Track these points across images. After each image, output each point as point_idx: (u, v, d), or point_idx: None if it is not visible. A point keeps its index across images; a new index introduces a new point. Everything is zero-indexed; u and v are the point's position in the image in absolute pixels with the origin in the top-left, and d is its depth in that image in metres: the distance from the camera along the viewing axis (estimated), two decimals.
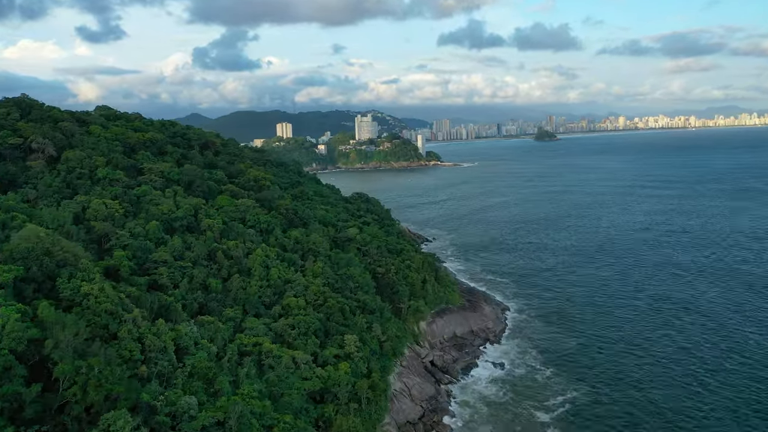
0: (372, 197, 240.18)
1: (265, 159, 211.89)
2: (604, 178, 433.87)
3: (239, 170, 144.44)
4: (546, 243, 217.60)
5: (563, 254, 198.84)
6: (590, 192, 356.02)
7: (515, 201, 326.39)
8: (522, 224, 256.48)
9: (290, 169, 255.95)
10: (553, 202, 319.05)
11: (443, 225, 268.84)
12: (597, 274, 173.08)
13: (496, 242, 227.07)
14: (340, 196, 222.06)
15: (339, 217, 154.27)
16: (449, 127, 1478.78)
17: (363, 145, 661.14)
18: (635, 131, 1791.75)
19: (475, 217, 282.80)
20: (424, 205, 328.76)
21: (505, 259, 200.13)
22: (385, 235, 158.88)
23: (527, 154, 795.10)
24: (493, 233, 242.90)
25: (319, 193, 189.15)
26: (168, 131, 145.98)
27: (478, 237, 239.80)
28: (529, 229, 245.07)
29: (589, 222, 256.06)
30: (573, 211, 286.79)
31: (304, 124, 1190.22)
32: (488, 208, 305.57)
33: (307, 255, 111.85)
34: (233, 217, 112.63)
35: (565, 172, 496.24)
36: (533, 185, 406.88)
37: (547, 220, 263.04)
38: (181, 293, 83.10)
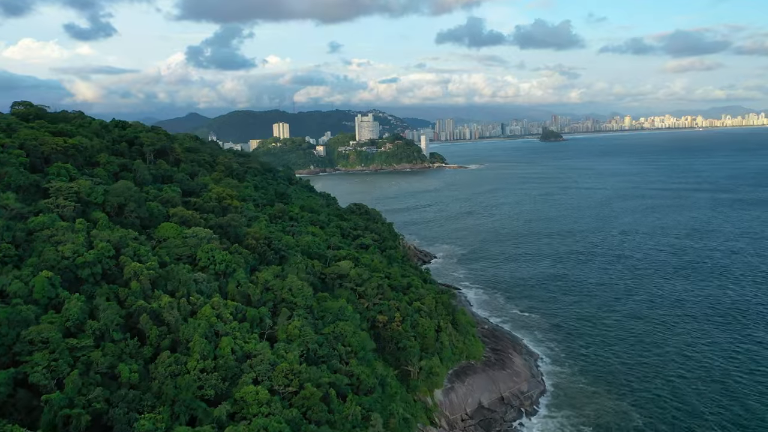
0: (372, 209, 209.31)
1: (246, 167, 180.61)
2: (624, 185, 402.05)
3: (202, 185, 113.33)
4: (573, 264, 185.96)
5: (597, 279, 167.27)
6: (613, 201, 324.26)
7: (531, 210, 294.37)
8: (542, 239, 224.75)
9: (279, 176, 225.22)
10: (574, 213, 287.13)
11: (452, 238, 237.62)
12: (644, 310, 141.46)
13: (514, 261, 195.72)
14: (334, 210, 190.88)
15: (330, 241, 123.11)
16: (452, 127, 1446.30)
17: (363, 147, 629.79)
18: (641, 131, 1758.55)
19: (487, 229, 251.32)
20: (429, 215, 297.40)
21: (527, 283, 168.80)
22: (388, 264, 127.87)
23: (535, 156, 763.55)
24: (510, 249, 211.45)
25: (308, 207, 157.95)
26: (109, 135, 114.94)
27: (492, 253, 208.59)
28: (552, 246, 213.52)
29: (621, 239, 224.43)
30: (599, 224, 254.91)
31: (303, 124, 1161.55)
32: (502, 219, 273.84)
33: (281, 307, 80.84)
34: (178, 255, 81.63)
35: (580, 177, 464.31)
36: (547, 191, 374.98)
37: (571, 237, 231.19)
38: (64, 396, 52.16)
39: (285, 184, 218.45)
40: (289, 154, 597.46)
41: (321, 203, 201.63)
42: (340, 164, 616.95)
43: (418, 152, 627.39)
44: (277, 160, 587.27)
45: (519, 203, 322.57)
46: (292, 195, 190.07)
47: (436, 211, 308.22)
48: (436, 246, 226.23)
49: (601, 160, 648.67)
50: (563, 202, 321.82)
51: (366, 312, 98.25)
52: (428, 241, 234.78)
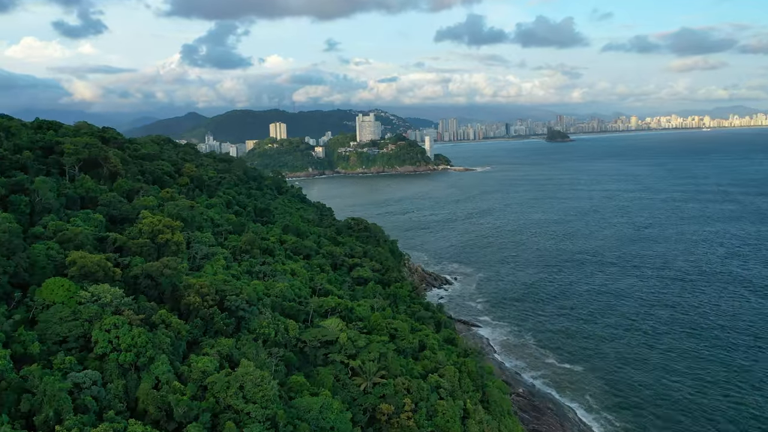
0: (372, 224, 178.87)
1: (220, 177, 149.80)
2: (646, 188, 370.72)
3: (140, 207, 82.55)
4: (624, 296, 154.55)
5: (666, 316, 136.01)
6: (639, 209, 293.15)
7: (556, 223, 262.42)
8: (574, 260, 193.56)
9: (265, 185, 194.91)
10: (601, 223, 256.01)
11: (466, 256, 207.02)
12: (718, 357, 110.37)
13: (542, 287, 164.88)
14: (328, 226, 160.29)
15: (315, 282, 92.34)
16: (456, 127, 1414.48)
17: (365, 148, 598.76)
18: (648, 131, 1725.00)
19: (507, 245, 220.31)
20: (437, 225, 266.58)
21: (562, 320, 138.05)
22: (392, 311, 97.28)
23: (543, 157, 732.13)
24: (536, 271, 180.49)
25: (293, 228, 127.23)
26: (11, 141, 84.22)
27: (515, 277, 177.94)
28: (585, 266, 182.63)
29: (667, 258, 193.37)
30: (634, 236, 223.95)
31: (304, 123, 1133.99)
32: (523, 233, 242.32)
33: (224, 421, 50.26)
34: (62, 337, 51.21)
35: (597, 181, 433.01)
36: (565, 196, 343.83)
37: (604, 253, 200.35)
38: None
39: (272, 194, 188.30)
40: (286, 155, 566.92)
41: (312, 218, 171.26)
42: (339, 166, 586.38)
43: (422, 154, 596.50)
44: (274, 162, 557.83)
45: (539, 213, 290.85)
46: (277, 210, 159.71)
47: (444, 221, 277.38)
48: (448, 265, 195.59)
49: (615, 162, 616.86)
50: (591, 214, 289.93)
51: (362, 398, 67.66)
52: (438, 259, 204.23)
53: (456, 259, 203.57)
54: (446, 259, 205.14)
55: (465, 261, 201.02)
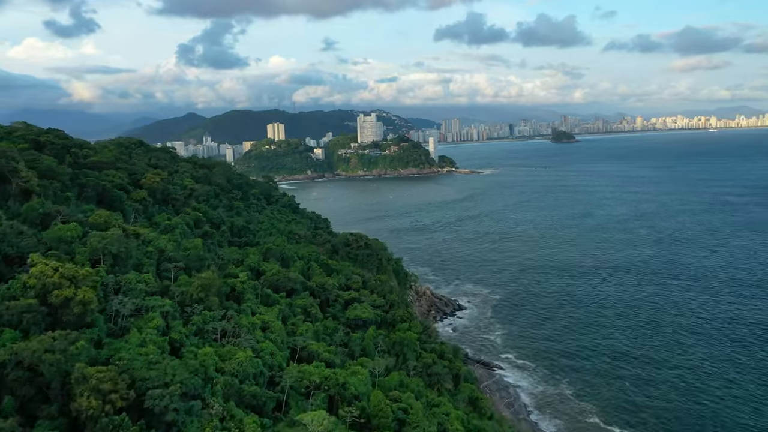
0: (374, 240, 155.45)
1: (190, 190, 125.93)
2: (671, 191, 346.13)
3: (51, 241, 59.01)
4: (666, 319, 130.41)
5: (726, 354, 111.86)
6: (671, 214, 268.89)
7: (576, 232, 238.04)
8: (604, 275, 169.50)
9: (251, 195, 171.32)
10: (636, 231, 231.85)
11: (478, 272, 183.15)
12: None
13: (571, 311, 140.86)
14: (321, 244, 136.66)
15: (294, 339, 68.52)
16: (459, 127, 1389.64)
17: (366, 149, 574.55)
18: (653, 132, 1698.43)
19: (524, 258, 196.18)
20: (445, 235, 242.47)
21: (604, 356, 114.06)
22: (399, 370, 73.78)
23: (551, 159, 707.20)
24: (560, 290, 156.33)
25: (276, 253, 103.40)
26: None
27: (538, 299, 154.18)
28: (625, 286, 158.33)
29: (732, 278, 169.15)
30: (670, 243, 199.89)
31: (304, 124, 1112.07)
32: (541, 243, 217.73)
33: None
34: None
35: (614, 185, 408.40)
36: (587, 203, 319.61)
37: (646, 267, 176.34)
38: None
39: (258, 205, 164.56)
40: (284, 157, 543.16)
41: (304, 233, 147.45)
42: (340, 169, 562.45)
43: (426, 155, 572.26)
44: (271, 164, 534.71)
45: (559, 222, 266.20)
46: (262, 225, 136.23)
47: (454, 230, 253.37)
48: (459, 285, 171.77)
49: (629, 164, 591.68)
50: (613, 220, 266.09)
51: None
52: (447, 277, 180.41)
53: (468, 276, 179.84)
54: (457, 276, 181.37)
55: (478, 278, 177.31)
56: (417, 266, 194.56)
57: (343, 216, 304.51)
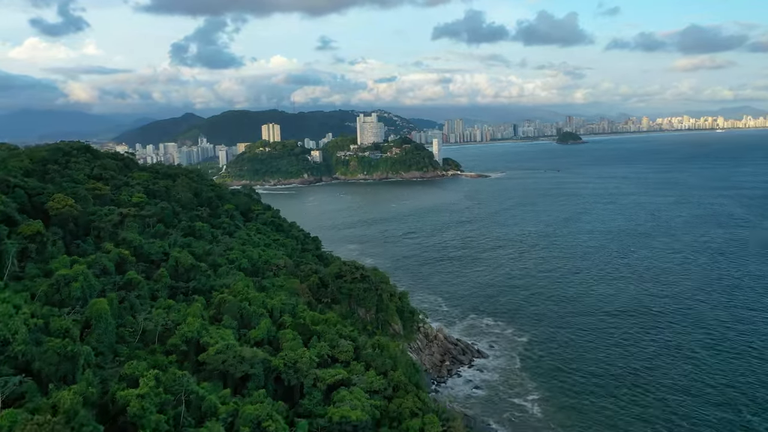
0: (373, 269, 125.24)
1: (136, 212, 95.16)
2: (713, 195, 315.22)
3: None
4: None
5: None
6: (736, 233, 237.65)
7: (614, 250, 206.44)
8: (658, 304, 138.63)
9: (224, 212, 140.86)
10: (682, 249, 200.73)
11: (500, 303, 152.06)
12: None
13: (626, 360, 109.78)
14: (301, 286, 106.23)
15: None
16: (462, 128, 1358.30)
17: (366, 151, 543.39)
18: (659, 132, 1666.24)
19: (551, 282, 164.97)
20: (456, 251, 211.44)
21: None
22: None
23: (560, 161, 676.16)
24: (604, 328, 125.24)
25: (233, 307, 72.79)
26: None
27: (577, 339, 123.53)
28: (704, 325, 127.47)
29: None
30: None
31: (304, 125, 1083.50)
32: (571, 261, 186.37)
33: None
34: None
35: (636, 190, 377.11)
36: (618, 213, 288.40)
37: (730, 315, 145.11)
38: None
39: (230, 225, 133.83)
40: (279, 160, 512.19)
41: (284, 263, 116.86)
42: (338, 172, 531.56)
43: (430, 158, 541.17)
44: (265, 167, 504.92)
45: (588, 235, 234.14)
46: (229, 255, 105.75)
47: (464, 246, 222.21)
48: (476, 320, 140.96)
49: (646, 166, 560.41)
50: (656, 237, 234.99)
51: None
52: (461, 307, 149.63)
53: (486, 307, 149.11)
54: (473, 306, 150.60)
55: (499, 310, 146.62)
56: (423, 292, 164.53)
57: (340, 226, 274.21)
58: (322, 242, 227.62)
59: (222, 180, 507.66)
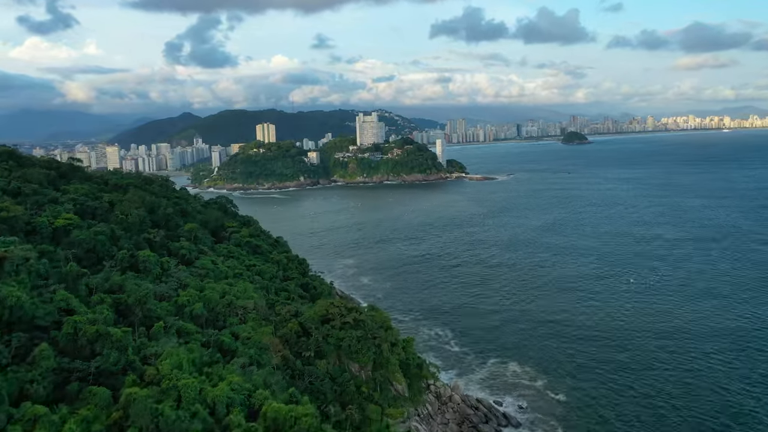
0: (370, 311, 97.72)
1: (42, 256, 67.82)
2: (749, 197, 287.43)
3: None
4: None
5: None
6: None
7: (663, 269, 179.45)
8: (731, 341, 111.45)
9: (186, 232, 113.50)
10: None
11: (526, 344, 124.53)
12: None
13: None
14: (274, 341, 78.76)
15: None
16: (465, 128, 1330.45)
17: (366, 153, 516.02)
18: (666, 132, 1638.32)
19: (592, 317, 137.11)
20: (469, 268, 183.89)
21: None
22: None
23: (568, 162, 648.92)
24: (671, 381, 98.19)
25: (145, 413, 45.59)
26: None
27: (635, 394, 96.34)
28: None
29: None
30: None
31: (303, 124, 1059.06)
32: (609, 284, 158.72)
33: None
34: None
35: (659, 195, 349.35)
36: (648, 223, 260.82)
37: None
38: None
39: (192, 251, 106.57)
40: (274, 162, 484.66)
41: (254, 305, 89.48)
42: (337, 174, 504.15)
43: (433, 159, 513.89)
44: (258, 169, 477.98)
45: (619, 252, 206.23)
46: (179, 299, 78.61)
47: (477, 263, 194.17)
48: (500, 367, 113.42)
49: (659, 168, 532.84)
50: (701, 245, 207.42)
51: None
52: (480, 350, 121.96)
53: (511, 347, 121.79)
54: (495, 346, 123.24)
55: (526, 352, 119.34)
56: (430, 322, 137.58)
57: (335, 238, 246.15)
58: (313, 258, 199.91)
59: (213, 183, 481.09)
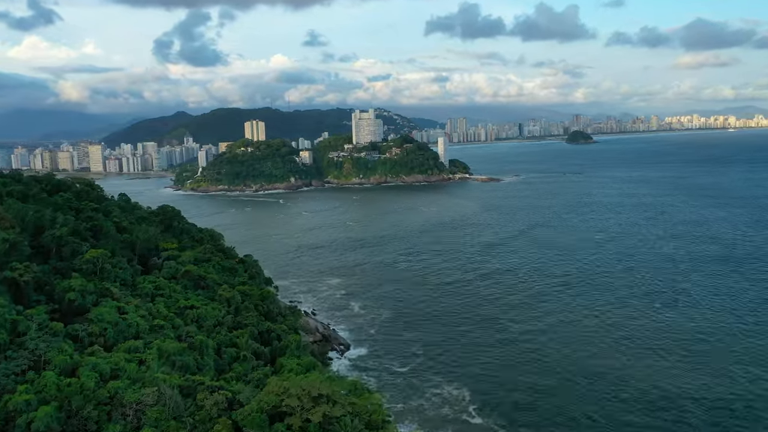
0: (352, 397, 61.61)
1: None
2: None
3: None
4: None
5: None
6: None
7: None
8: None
9: (87, 261, 77.82)
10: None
11: (569, 400, 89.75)
12: None
13: None
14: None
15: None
16: (465, 127, 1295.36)
17: (362, 152, 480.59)
18: (671, 132, 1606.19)
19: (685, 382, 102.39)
20: (486, 291, 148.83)
21: None
22: None
23: (577, 163, 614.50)
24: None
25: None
26: None
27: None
28: None
29: None
30: None
31: (299, 123, 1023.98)
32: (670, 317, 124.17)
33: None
34: None
35: (689, 196, 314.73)
36: (693, 236, 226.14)
37: None
38: None
39: (92, 290, 71.18)
40: (263, 161, 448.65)
41: (156, 391, 53.69)
42: (330, 175, 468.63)
43: (435, 159, 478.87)
44: (246, 169, 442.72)
45: (674, 270, 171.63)
46: (14, 399, 42.22)
47: (494, 278, 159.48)
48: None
49: (674, 168, 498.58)
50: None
51: None
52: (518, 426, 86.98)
53: (555, 417, 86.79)
54: (522, 409, 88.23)
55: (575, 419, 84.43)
56: (442, 378, 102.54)
57: (321, 250, 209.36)
58: (293, 277, 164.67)
59: (196, 185, 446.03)
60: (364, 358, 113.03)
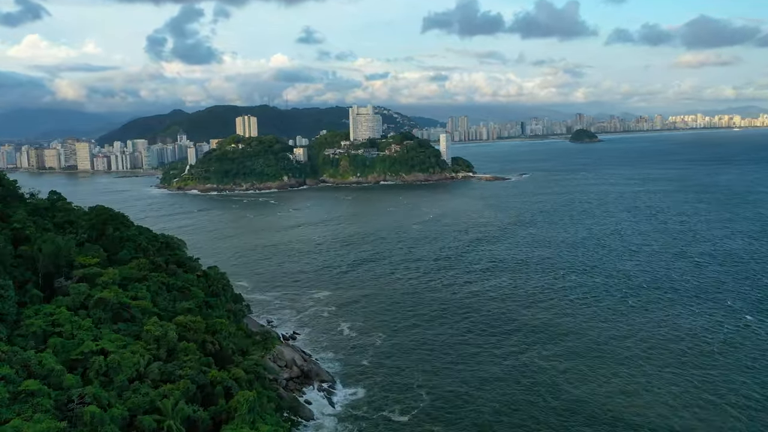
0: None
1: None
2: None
3: None
4: None
5: None
6: None
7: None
8: None
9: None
10: None
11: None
12: None
13: None
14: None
15: None
16: (467, 125, 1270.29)
17: (360, 149, 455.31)
18: (676, 131, 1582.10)
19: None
20: (501, 313, 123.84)
21: None
22: None
23: (584, 162, 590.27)
24: None
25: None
26: None
27: None
28: None
29: None
30: None
31: (297, 122, 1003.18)
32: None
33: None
34: None
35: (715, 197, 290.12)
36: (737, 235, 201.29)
37: None
38: None
39: None
40: (255, 159, 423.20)
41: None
42: (326, 174, 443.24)
43: (437, 157, 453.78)
44: (236, 167, 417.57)
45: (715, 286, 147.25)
46: None
47: (508, 293, 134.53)
48: None
49: (691, 167, 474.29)
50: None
51: None
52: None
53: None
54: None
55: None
56: (460, 428, 77.71)
57: (309, 258, 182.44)
58: (274, 287, 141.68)
59: (183, 184, 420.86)
60: (354, 402, 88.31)
